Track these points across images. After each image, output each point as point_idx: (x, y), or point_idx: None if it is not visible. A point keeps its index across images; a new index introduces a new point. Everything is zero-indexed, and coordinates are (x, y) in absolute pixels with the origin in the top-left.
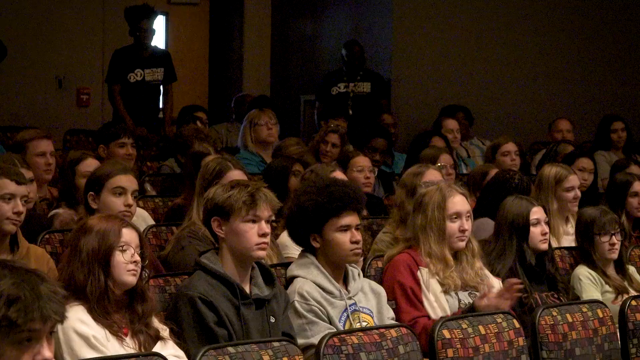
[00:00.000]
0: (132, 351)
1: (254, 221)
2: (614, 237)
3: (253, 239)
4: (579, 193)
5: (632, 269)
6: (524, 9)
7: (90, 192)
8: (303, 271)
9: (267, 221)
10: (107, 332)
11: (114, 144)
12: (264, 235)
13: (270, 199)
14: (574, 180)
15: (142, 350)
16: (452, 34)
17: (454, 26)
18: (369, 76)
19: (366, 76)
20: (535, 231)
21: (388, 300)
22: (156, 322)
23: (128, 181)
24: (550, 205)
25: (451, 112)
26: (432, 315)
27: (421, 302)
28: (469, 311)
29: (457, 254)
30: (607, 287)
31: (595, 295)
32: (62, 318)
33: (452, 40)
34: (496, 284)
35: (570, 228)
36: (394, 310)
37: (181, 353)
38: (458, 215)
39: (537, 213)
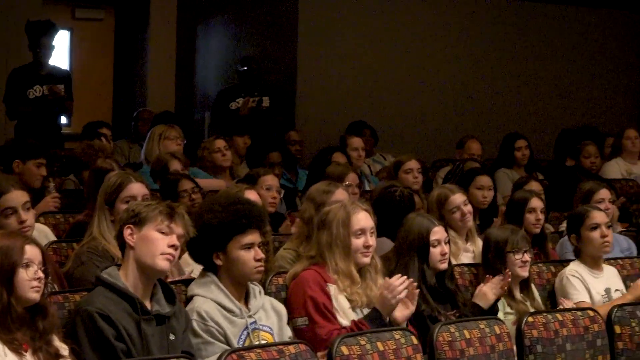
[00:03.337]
0: None
1: (166, 233)
2: (525, 254)
3: (162, 247)
4: (466, 210)
5: (533, 287)
6: (431, 26)
7: None
8: (203, 290)
9: (178, 237)
10: (7, 348)
11: (32, 162)
12: (172, 246)
13: (187, 220)
14: (456, 200)
15: None
16: (358, 50)
17: (360, 43)
18: (267, 90)
19: (264, 91)
20: (434, 252)
21: (300, 316)
22: (57, 341)
23: (15, 198)
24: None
25: (357, 130)
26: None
27: (334, 316)
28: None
29: (360, 270)
30: (508, 309)
31: (498, 314)
32: None
33: (357, 57)
34: None
35: (470, 245)
36: (307, 326)
37: None
38: (362, 232)
39: (437, 233)
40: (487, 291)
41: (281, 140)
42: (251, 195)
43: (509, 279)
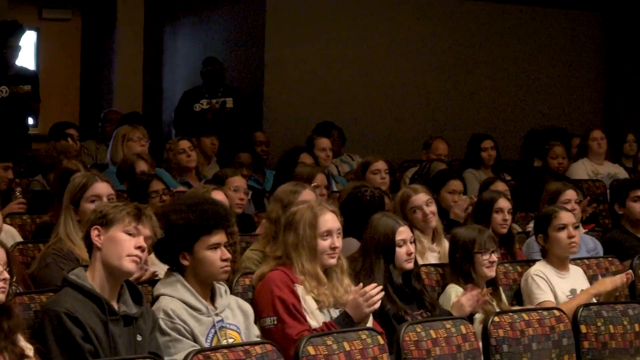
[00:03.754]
0: None
1: (133, 235)
2: (493, 254)
3: (128, 249)
4: (428, 210)
5: (499, 287)
6: (399, 28)
7: None
8: (169, 289)
9: (145, 239)
10: None
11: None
12: (139, 248)
13: (154, 221)
14: (417, 200)
15: None
16: (325, 50)
17: (326, 43)
18: (231, 92)
19: (227, 92)
20: (400, 252)
21: (268, 316)
22: (22, 341)
23: None
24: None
25: (325, 130)
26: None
27: (304, 317)
28: None
29: (327, 271)
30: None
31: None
32: None
33: (324, 58)
34: None
35: (437, 246)
36: (275, 326)
37: None
38: (329, 233)
39: (403, 233)
40: (464, 303)
41: (248, 141)
42: (218, 195)
43: (486, 297)
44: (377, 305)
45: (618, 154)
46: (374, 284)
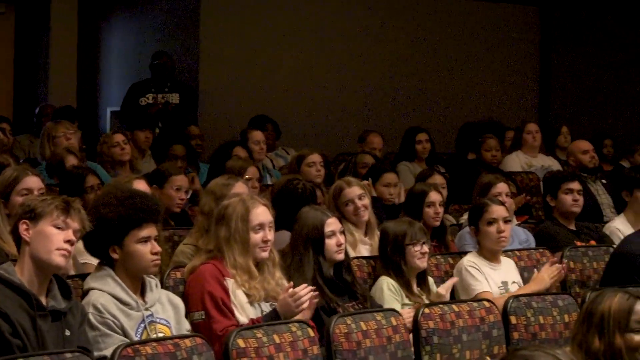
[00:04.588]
0: None
1: (62, 228)
2: (424, 245)
3: (57, 243)
4: (360, 204)
5: (430, 280)
6: (333, 22)
7: None
8: (99, 283)
9: (74, 232)
10: None
11: None
12: (69, 242)
13: (83, 214)
14: (349, 193)
15: None
16: (260, 44)
17: (261, 36)
18: (178, 87)
19: (175, 87)
20: (330, 243)
21: (197, 311)
22: None
23: None
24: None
25: (259, 124)
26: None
27: (232, 312)
28: None
29: (258, 264)
30: (406, 300)
31: (396, 306)
32: None
33: (260, 52)
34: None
35: (369, 239)
36: (203, 320)
37: None
38: (261, 226)
39: (331, 225)
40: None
41: (182, 135)
42: (140, 185)
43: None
44: (306, 305)
45: (552, 147)
46: (305, 285)
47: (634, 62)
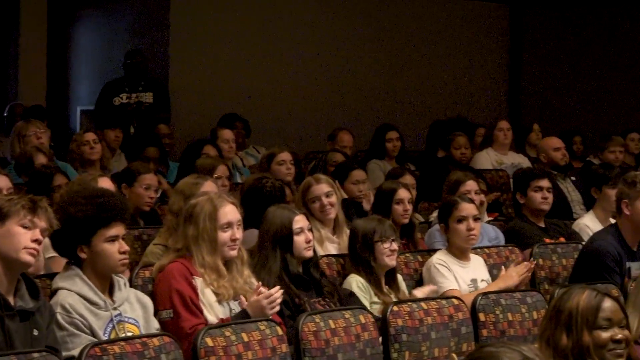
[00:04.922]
0: None
1: (29, 228)
2: (393, 243)
3: (24, 242)
4: (326, 201)
5: (399, 277)
6: (302, 20)
7: None
8: (67, 283)
9: (42, 231)
10: None
11: None
12: (36, 241)
13: (50, 213)
14: (316, 190)
15: None
16: (230, 42)
17: (231, 35)
18: (151, 86)
19: (148, 86)
20: (299, 240)
21: (165, 309)
22: None
23: None
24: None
25: (229, 123)
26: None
27: (200, 311)
28: None
29: (227, 263)
30: (375, 298)
31: (365, 304)
32: None
33: (230, 51)
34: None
35: (337, 237)
36: (171, 318)
37: None
38: (229, 225)
39: (299, 222)
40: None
41: (152, 134)
42: (104, 183)
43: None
44: (278, 308)
45: (522, 144)
46: (277, 287)
47: (604, 60)
